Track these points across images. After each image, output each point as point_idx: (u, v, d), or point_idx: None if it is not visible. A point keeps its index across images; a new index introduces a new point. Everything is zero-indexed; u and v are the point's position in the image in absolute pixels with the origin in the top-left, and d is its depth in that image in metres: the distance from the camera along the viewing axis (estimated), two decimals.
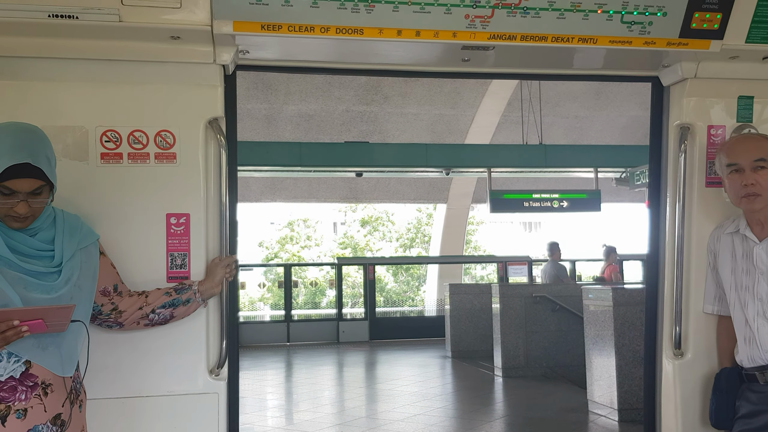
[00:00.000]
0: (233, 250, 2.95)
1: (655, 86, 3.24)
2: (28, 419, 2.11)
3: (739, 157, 2.73)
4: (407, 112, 15.56)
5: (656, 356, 3.23)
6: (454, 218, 18.80)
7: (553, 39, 2.72)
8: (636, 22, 2.74)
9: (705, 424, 3.06)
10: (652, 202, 3.28)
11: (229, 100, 2.91)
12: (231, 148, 2.89)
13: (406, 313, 25.34)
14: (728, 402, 2.79)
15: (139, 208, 2.70)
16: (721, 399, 2.82)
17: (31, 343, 2.12)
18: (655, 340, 3.26)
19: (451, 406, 8.92)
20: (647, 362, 3.31)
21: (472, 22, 2.65)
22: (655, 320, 3.24)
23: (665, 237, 3.18)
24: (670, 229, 3.14)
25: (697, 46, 2.83)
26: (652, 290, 3.27)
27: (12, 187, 2.08)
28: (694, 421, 3.07)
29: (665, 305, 3.17)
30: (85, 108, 2.66)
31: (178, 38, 2.59)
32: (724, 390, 2.82)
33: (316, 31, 2.60)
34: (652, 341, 3.27)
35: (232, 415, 2.91)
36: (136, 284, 2.63)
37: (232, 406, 2.92)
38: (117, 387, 2.68)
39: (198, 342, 2.75)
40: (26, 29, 2.47)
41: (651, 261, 3.28)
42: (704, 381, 3.06)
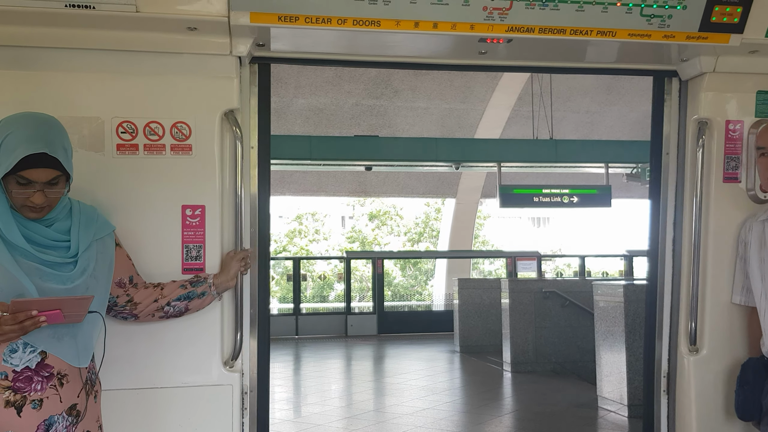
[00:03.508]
0: (265, 244, 2.99)
1: (657, 81, 3.22)
2: (44, 409, 2.11)
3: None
4: (417, 106, 15.53)
5: (655, 350, 3.23)
6: (463, 213, 18.77)
7: (571, 32, 2.70)
8: (655, 15, 2.71)
9: (722, 419, 3.06)
10: (653, 196, 3.27)
11: (263, 92, 2.94)
12: (263, 141, 2.93)
13: (414, 308, 25.39)
14: (754, 393, 2.78)
15: (154, 200, 2.69)
16: (747, 391, 2.81)
17: (46, 334, 2.12)
18: (654, 334, 3.25)
19: (460, 400, 8.91)
20: (647, 357, 3.30)
21: (490, 14, 2.63)
22: (654, 315, 3.23)
23: (682, 232, 3.17)
24: (687, 224, 3.12)
25: (717, 40, 2.80)
26: (652, 285, 3.26)
27: (29, 177, 2.08)
28: (710, 416, 3.06)
29: (681, 301, 3.15)
30: (101, 99, 2.66)
31: (195, 29, 2.58)
32: (750, 382, 2.81)
33: (333, 22, 2.59)
34: (652, 336, 3.26)
35: (261, 414, 2.97)
36: (152, 276, 2.63)
37: (262, 404, 2.98)
38: (132, 378, 2.69)
39: (212, 334, 2.75)
40: (43, 19, 2.47)
41: (652, 256, 3.27)
42: (721, 376, 3.05)
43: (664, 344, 3.23)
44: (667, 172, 3.21)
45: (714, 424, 3.06)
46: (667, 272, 3.23)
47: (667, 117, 3.20)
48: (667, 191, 3.22)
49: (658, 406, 3.25)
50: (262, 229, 2.99)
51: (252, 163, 2.96)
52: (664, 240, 3.22)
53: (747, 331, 3.02)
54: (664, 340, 3.22)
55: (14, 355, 2.09)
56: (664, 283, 3.22)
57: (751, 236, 2.90)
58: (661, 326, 3.23)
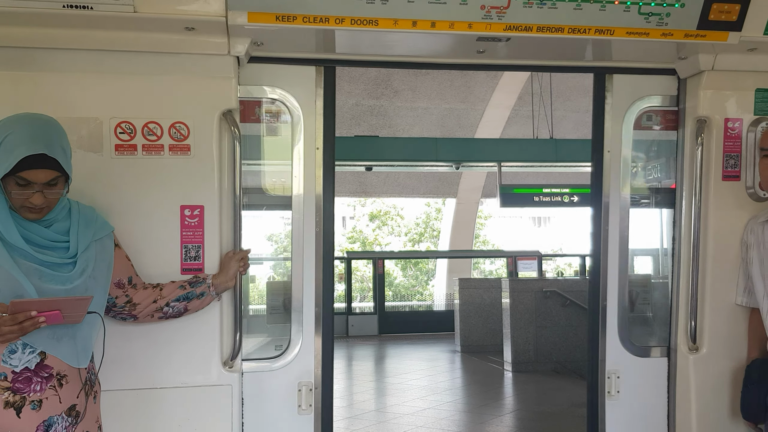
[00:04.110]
0: (329, 244, 3.03)
1: (597, 78, 3.19)
2: (43, 410, 2.11)
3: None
4: (417, 106, 15.52)
5: (599, 350, 3.22)
6: (464, 213, 18.76)
7: (569, 30, 2.70)
8: (653, 14, 2.71)
9: (722, 417, 3.06)
10: (594, 195, 3.24)
11: (328, 94, 2.99)
12: (328, 142, 2.99)
13: (415, 308, 25.34)
14: (759, 394, 2.78)
15: (153, 200, 2.70)
16: (753, 391, 2.81)
17: (46, 334, 2.12)
18: (597, 333, 3.23)
19: (461, 400, 8.91)
20: (591, 357, 3.27)
21: (488, 12, 2.63)
22: (598, 314, 3.22)
23: (681, 230, 3.17)
24: (686, 223, 3.12)
25: (715, 38, 2.80)
26: (595, 284, 3.23)
27: (28, 177, 2.08)
28: (710, 415, 3.06)
29: (681, 299, 3.15)
30: (100, 99, 2.66)
31: (193, 29, 2.58)
32: (755, 381, 2.81)
33: (331, 22, 2.59)
34: (596, 335, 3.24)
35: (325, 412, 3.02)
36: (151, 276, 2.63)
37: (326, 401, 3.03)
38: (131, 378, 2.69)
39: (212, 334, 2.76)
40: (41, 20, 2.47)
41: (595, 255, 3.25)
42: (721, 375, 3.05)
43: (608, 343, 3.21)
44: (609, 170, 3.18)
45: (714, 423, 3.06)
46: (611, 271, 3.20)
47: (609, 114, 3.18)
48: (609, 190, 3.19)
49: (602, 410, 3.22)
50: (327, 229, 3.04)
51: (317, 164, 3.00)
52: (606, 239, 3.19)
53: (748, 332, 3.01)
54: (609, 339, 3.21)
55: (13, 356, 2.09)
56: (607, 282, 3.20)
57: (752, 238, 2.90)
58: (605, 325, 3.21)
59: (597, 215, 3.21)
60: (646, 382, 3.23)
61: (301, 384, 3.00)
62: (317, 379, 3.02)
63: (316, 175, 3.00)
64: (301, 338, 3.02)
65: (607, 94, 3.18)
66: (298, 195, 3.01)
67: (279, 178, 3.16)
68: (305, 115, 2.99)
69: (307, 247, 3.00)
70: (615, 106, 3.18)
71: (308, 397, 3.00)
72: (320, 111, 3.00)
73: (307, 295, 3.00)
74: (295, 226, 3.02)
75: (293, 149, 3.01)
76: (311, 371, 3.01)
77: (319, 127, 3.00)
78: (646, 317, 3.48)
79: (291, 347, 3.03)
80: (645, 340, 3.34)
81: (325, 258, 3.03)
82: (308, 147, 2.98)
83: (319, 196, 3.01)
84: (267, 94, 3.00)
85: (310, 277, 3.00)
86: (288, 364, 3.00)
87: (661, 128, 3.31)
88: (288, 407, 3.00)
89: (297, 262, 3.01)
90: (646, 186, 3.49)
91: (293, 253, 3.03)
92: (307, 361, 3.01)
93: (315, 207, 3.01)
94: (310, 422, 3.01)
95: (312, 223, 3.00)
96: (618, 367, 3.20)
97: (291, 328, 3.03)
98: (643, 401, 3.22)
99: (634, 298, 3.41)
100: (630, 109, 3.20)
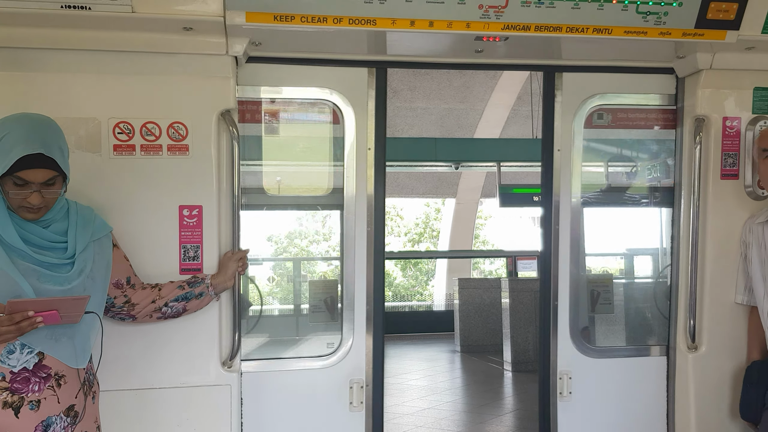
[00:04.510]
0: (380, 242, 3.07)
1: (547, 76, 3.18)
2: (42, 410, 2.11)
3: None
4: (416, 106, 15.49)
5: (550, 350, 3.21)
6: (463, 213, 18.74)
7: (567, 29, 2.70)
8: (651, 13, 2.71)
9: (721, 416, 3.06)
10: (544, 195, 3.22)
11: (380, 95, 3.04)
12: (379, 143, 3.04)
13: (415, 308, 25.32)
14: (758, 394, 2.78)
15: (151, 200, 2.70)
16: (752, 391, 2.81)
17: (44, 335, 2.12)
18: (549, 333, 3.22)
19: (461, 400, 8.90)
20: (542, 358, 3.25)
21: (486, 12, 2.63)
22: (549, 314, 3.21)
23: (680, 229, 3.17)
24: (685, 222, 3.12)
25: (713, 37, 2.80)
26: (546, 284, 3.22)
27: (25, 177, 2.08)
28: (709, 414, 3.06)
29: (680, 298, 3.15)
30: (98, 99, 2.66)
31: (191, 29, 2.58)
32: (755, 382, 2.81)
33: (329, 21, 2.59)
34: (547, 335, 3.23)
35: (376, 409, 3.08)
36: (149, 276, 2.63)
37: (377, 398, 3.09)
38: (130, 379, 2.69)
39: (210, 334, 2.76)
40: (39, 20, 2.47)
41: (545, 255, 3.23)
42: (720, 374, 3.05)
43: (560, 343, 3.20)
44: (559, 168, 3.18)
45: (713, 422, 3.06)
46: (562, 271, 3.19)
47: (558, 113, 3.17)
48: (560, 189, 3.18)
49: (554, 411, 3.21)
50: (378, 229, 3.08)
51: (368, 164, 3.05)
52: (557, 238, 3.19)
53: (748, 331, 3.01)
54: (560, 340, 3.20)
55: (12, 356, 2.09)
56: (558, 282, 3.19)
57: (751, 237, 2.90)
58: (556, 325, 3.20)
59: (547, 214, 3.19)
60: (600, 383, 3.21)
61: (352, 381, 3.06)
62: (368, 377, 3.09)
63: (367, 175, 3.06)
64: (353, 336, 3.07)
65: (556, 92, 3.17)
66: (350, 195, 3.06)
67: (326, 178, 3.22)
68: (357, 115, 3.04)
69: (359, 246, 3.05)
70: (565, 104, 3.16)
71: (359, 394, 3.06)
72: (372, 112, 3.06)
73: (358, 294, 3.06)
74: (346, 225, 3.07)
75: (345, 149, 3.06)
76: (362, 368, 3.08)
77: (371, 128, 3.05)
78: (609, 317, 3.48)
79: (342, 345, 3.08)
80: (604, 341, 3.34)
81: (376, 257, 3.08)
82: (360, 147, 3.03)
83: (370, 196, 3.07)
84: (319, 95, 3.05)
85: (361, 275, 3.06)
86: (339, 362, 3.07)
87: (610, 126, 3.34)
88: (340, 404, 3.06)
89: (348, 260, 3.06)
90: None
91: (344, 252, 3.08)
92: (358, 358, 3.07)
93: (366, 206, 3.06)
94: (362, 419, 3.07)
95: (363, 223, 3.06)
96: (570, 368, 3.19)
97: (342, 326, 3.09)
98: (597, 403, 3.21)
99: (595, 297, 3.40)
100: (581, 108, 3.18)
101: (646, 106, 3.29)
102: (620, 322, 3.53)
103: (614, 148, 3.49)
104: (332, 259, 3.22)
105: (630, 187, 3.53)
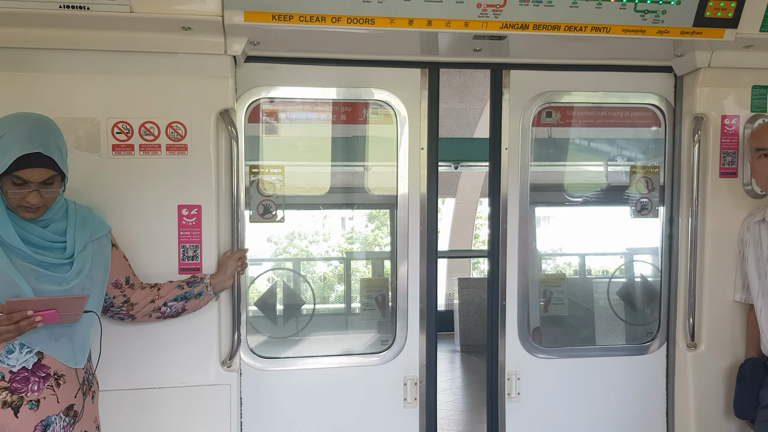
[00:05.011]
0: (433, 241, 3.10)
1: (494, 74, 3.16)
2: (41, 410, 2.11)
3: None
4: None
5: (498, 350, 3.20)
6: (463, 212, 18.73)
7: (566, 28, 2.70)
8: (649, 11, 2.71)
9: (720, 415, 3.06)
10: (492, 194, 3.21)
11: (432, 96, 3.06)
12: (432, 143, 3.08)
13: None
14: (752, 392, 2.79)
15: (150, 200, 2.70)
16: (745, 389, 2.81)
17: (43, 334, 2.12)
18: (497, 333, 3.20)
19: (461, 399, 8.90)
20: (491, 358, 3.24)
21: (484, 11, 2.63)
22: (497, 314, 3.19)
23: (678, 228, 3.17)
24: (684, 220, 3.12)
25: (711, 35, 2.80)
26: (494, 283, 3.20)
27: (24, 177, 2.08)
28: (709, 412, 3.07)
29: (679, 296, 3.15)
30: (97, 99, 2.66)
31: (189, 29, 2.58)
32: (747, 380, 2.82)
33: (327, 21, 2.59)
34: (495, 335, 3.22)
35: (429, 405, 3.12)
36: (148, 276, 2.63)
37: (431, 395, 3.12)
38: (129, 378, 2.69)
39: (210, 334, 2.76)
40: (38, 20, 2.47)
41: (493, 254, 3.20)
42: (720, 372, 3.05)
43: (508, 344, 3.19)
44: (507, 167, 3.16)
45: (712, 419, 3.06)
46: (510, 271, 3.17)
47: (506, 111, 3.16)
48: (507, 188, 3.17)
49: (502, 412, 3.20)
50: (430, 228, 3.10)
51: (421, 164, 3.07)
52: (505, 238, 3.18)
53: (746, 330, 3.02)
54: (508, 340, 3.19)
55: (11, 356, 2.09)
56: (506, 281, 3.18)
57: (748, 236, 2.91)
58: (504, 325, 3.19)
59: (495, 213, 3.18)
60: (549, 383, 3.21)
61: (406, 378, 3.10)
62: (422, 373, 3.12)
63: (420, 175, 3.08)
64: (406, 334, 3.10)
65: (504, 90, 3.16)
66: (403, 194, 3.09)
67: (384, 179, 3.25)
68: (410, 116, 3.06)
69: (412, 244, 3.08)
70: (512, 102, 3.16)
71: (413, 391, 3.09)
72: (425, 112, 3.08)
73: (411, 292, 3.09)
74: (399, 224, 3.10)
75: (398, 150, 3.08)
76: (416, 365, 3.10)
77: (423, 128, 3.08)
78: (560, 317, 3.48)
79: (396, 342, 3.11)
80: (553, 341, 3.34)
81: (428, 255, 3.10)
82: (413, 147, 3.06)
83: (423, 196, 3.09)
84: (374, 96, 3.08)
85: (414, 274, 3.09)
86: (393, 359, 3.10)
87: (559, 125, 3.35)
88: (394, 401, 3.10)
89: (402, 259, 3.09)
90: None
91: (397, 250, 3.11)
92: (411, 356, 3.10)
93: (419, 206, 3.08)
94: (415, 415, 3.11)
95: (416, 222, 3.08)
96: (518, 369, 3.19)
97: (396, 324, 3.11)
98: (546, 404, 3.20)
99: (548, 297, 3.40)
100: (528, 106, 3.17)
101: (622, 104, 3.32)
102: (574, 322, 3.55)
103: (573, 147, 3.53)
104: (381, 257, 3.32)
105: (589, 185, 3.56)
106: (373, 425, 3.10)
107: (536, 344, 3.21)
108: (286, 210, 3.09)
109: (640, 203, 3.33)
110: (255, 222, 3.06)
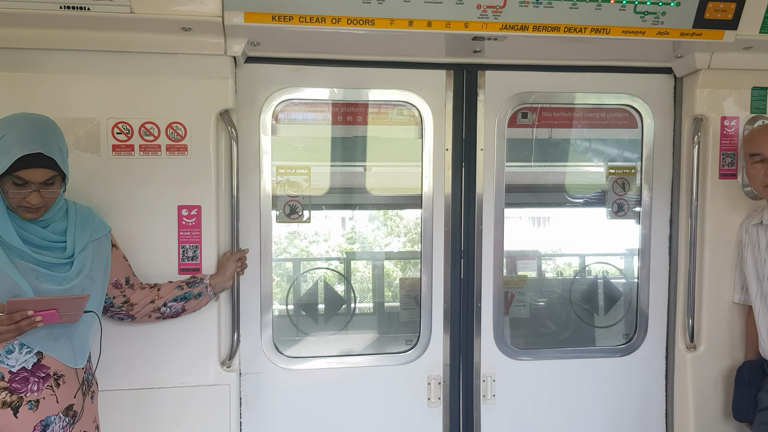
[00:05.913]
0: (457, 238, 3.12)
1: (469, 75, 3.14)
2: (41, 410, 2.12)
3: (764, 147, 2.75)
4: None
5: (474, 351, 3.19)
6: None
7: (565, 29, 2.70)
8: (649, 12, 2.71)
9: (719, 416, 3.06)
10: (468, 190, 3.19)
11: (457, 97, 3.07)
12: (457, 144, 3.08)
13: None
14: (750, 394, 2.79)
15: (150, 200, 2.70)
16: (743, 391, 2.81)
17: (42, 334, 2.13)
18: (473, 334, 3.20)
19: None
20: (466, 359, 3.22)
21: (483, 12, 2.63)
22: (473, 314, 3.18)
23: (678, 229, 3.17)
24: (683, 221, 3.12)
25: (711, 36, 2.80)
26: (470, 285, 3.18)
27: (24, 177, 2.08)
28: (708, 413, 3.07)
29: (678, 298, 3.15)
30: (97, 100, 2.66)
31: (189, 29, 2.58)
32: (745, 382, 2.82)
33: (327, 21, 2.59)
34: (470, 336, 3.20)
35: (453, 404, 3.15)
36: (148, 276, 2.63)
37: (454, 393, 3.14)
38: (129, 378, 2.69)
39: (209, 334, 2.76)
40: (38, 21, 2.47)
41: (469, 255, 3.18)
42: (719, 373, 3.05)
43: (483, 346, 3.19)
44: (482, 168, 3.16)
45: (711, 421, 3.06)
46: (485, 272, 3.18)
47: (481, 111, 3.15)
48: (483, 189, 3.17)
49: (478, 413, 3.21)
50: (454, 228, 3.13)
51: (446, 165, 3.09)
52: (481, 239, 3.17)
53: (746, 331, 3.02)
54: (483, 342, 3.19)
55: (10, 356, 2.10)
56: (482, 283, 3.18)
57: (746, 238, 2.91)
58: (480, 327, 3.19)
59: (470, 214, 3.18)
60: (524, 385, 3.21)
61: (430, 377, 3.12)
62: (445, 373, 3.14)
63: (445, 176, 3.10)
64: (430, 333, 3.12)
65: (479, 91, 3.15)
66: (428, 195, 3.10)
67: (409, 179, 3.24)
68: (435, 117, 3.07)
69: (436, 245, 3.10)
70: (488, 103, 3.15)
71: (437, 390, 3.12)
72: (450, 113, 3.09)
73: (435, 292, 3.11)
74: (424, 225, 3.12)
75: (422, 150, 3.09)
76: (440, 365, 3.13)
77: (448, 129, 3.09)
78: (521, 319, 3.47)
79: (420, 342, 3.13)
80: (518, 343, 3.32)
81: (452, 256, 3.12)
82: (437, 148, 3.07)
83: (448, 196, 3.11)
84: (398, 97, 3.08)
85: (438, 274, 3.12)
86: (417, 358, 3.12)
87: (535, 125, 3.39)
88: (418, 400, 3.12)
89: (426, 259, 3.11)
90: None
91: (422, 251, 3.13)
92: (435, 355, 3.12)
93: (444, 206, 3.10)
94: (439, 415, 3.13)
95: (441, 222, 3.10)
96: (494, 370, 3.19)
97: (420, 323, 3.14)
98: (522, 405, 3.21)
99: (509, 299, 3.41)
100: (503, 107, 3.17)
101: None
102: (554, 324, 3.56)
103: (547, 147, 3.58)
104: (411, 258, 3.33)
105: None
106: (397, 424, 3.12)
107: (512, 346, 3.21)
108: (312, 210, 3.19)
109: (616, 204, 3.31)
110: (282, 222, 3.13)
